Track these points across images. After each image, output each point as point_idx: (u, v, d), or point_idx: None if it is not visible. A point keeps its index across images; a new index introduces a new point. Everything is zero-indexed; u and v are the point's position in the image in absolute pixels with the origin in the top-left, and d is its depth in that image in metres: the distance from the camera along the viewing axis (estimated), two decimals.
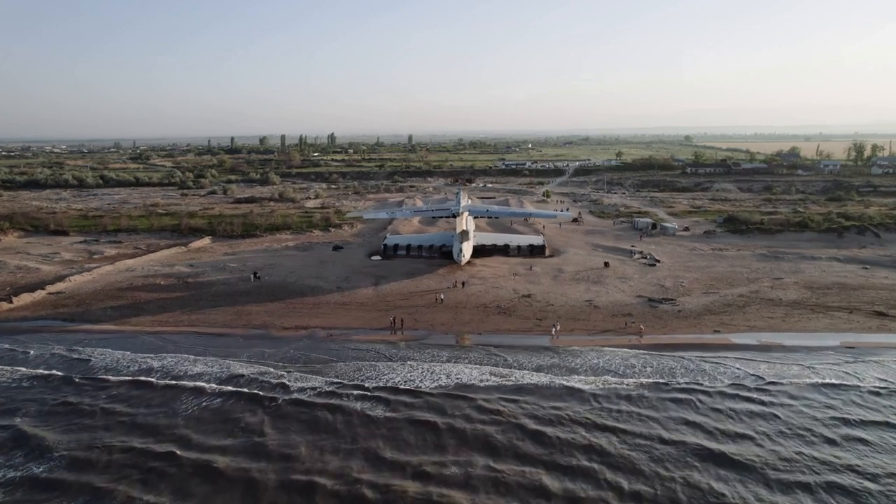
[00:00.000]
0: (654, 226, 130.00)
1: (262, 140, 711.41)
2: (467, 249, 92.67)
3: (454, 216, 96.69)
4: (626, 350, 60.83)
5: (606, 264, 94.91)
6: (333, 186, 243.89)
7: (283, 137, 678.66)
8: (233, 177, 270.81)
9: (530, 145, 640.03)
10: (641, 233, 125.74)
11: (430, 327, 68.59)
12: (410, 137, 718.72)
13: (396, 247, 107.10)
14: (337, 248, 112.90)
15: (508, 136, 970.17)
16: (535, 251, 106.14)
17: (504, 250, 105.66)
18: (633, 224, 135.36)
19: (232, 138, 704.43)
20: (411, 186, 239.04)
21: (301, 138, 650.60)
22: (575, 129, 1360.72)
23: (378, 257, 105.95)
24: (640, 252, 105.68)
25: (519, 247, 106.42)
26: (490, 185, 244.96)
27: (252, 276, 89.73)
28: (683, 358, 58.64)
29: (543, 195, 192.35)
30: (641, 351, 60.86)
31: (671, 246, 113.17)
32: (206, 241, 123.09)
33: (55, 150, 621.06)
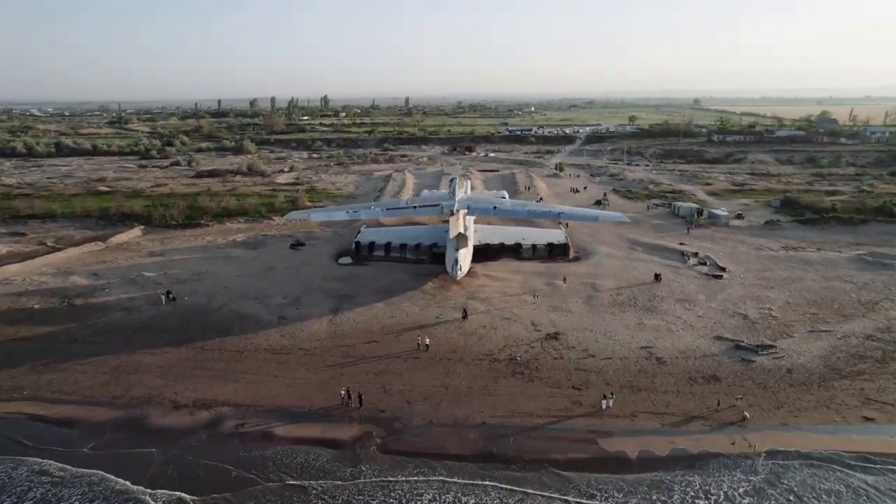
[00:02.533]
0: (699, 212, 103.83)
1: (252, 103, 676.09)
2: (465, 259, 66.40)
3: (448, 213, 69.09)
4: (742, 466, 35.74)
5: (658, 277, 69.14)
6: (315, 156, 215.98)
7: (272, 100, 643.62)
8: (205, 145, 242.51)
9: (533, 108, 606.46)
10: (687, 223, 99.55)
11: (406, 405, 43.26)
12: (407, 100, 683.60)
13: (373, 245, 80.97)
14: (296, 245, 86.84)
15: (509, 99, 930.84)
16: (555, 252, 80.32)
17: (515, 251, 79.73)
18: (672, 209, 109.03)
19: (219, 101, 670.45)
20: (403, 156, 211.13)
21: (291, 101, 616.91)
22: (576, 93, 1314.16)
23: (348, 259, 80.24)
24: (695, 254, 79.84)
25: (534, 246, 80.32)
26: (492, 155, 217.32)
27: (164, 296, 64.02)
28: (853, 489, 33.55)
29: (556, 168, 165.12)
30: (763, 463, 35.94)
31: (730, 243, 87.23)
32: (136, 232, 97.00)
33: (35, 114, 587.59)
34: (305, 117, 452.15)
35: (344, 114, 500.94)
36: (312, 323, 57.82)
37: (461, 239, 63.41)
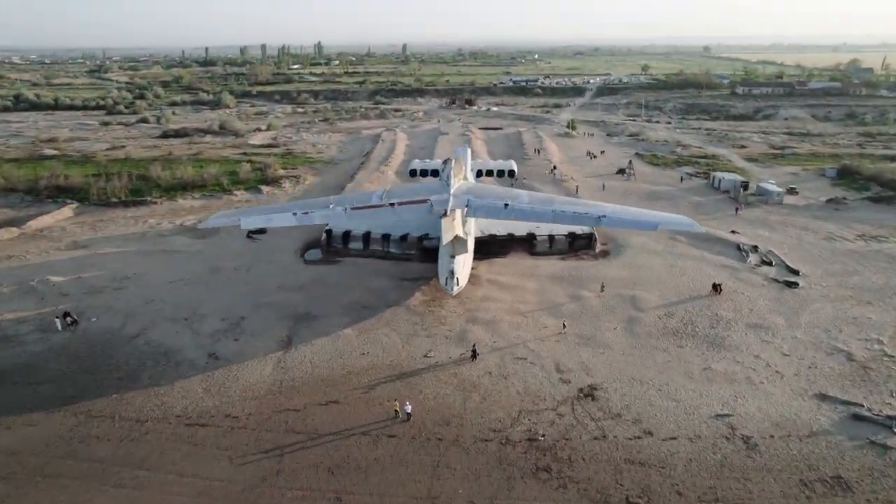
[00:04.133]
0: (745, 185, 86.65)
1: (243, 51, 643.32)
2: (463, 269, 49.46)
3: (440, 213, 48.90)
4: None
5: (717, 288, 52.69)
6: (300, 110, 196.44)
7: (263, 47, 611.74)
8: (181, 98, 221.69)
9: (536, 56, 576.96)
10: (732, 199, 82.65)
11: None
12: (404, 47, 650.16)
13: (348, 236, 64.31)
14: (255, 232, 70.07)
15: (511, 46, 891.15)
16: (577, 244, 63.83)
17: (527, 243, 63.18)
18: (711, 182, 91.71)
19: (206, 48, 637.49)
20: (396, 111, 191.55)
21: (282, 48, 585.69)
22: (579, 40, 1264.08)
23: (317, 254, 63.91)
24: (755, 248, 63.22)
25: (551, 237, 63.48)
26: (495, 109, 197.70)
27: (60, 319, 47.81)
28: None
29: (568, 127, 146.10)
30: None
31: (791, 229, 70.61)
32: (66, 212, 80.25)
33: (14, 62, 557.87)
34: (296, 66, 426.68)
35: (337, 62, 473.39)
36: (252, 366, 41.82)
37: (458, 244, 46.62)
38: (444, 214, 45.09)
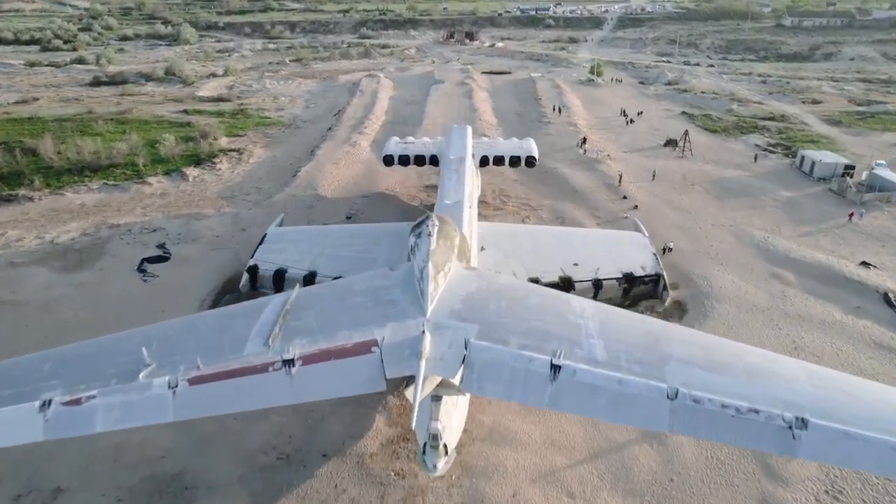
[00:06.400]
0: (848, 170, 62.85)
1: None
2: (453, 423, 24.78)
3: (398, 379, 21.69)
4: None
5: None
6: (272, 46, 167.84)
7: None
8: (134, 31, 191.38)
9: None
10: (841, 196, 59.14)
11: None
12: None
13: (282, 279, 41.14)
14: (152, 261, 47.08)
15: None
16: (636, 292, 41.20)
17: (562, 289, 40.05)
18: (798, 162, 67.32)
19: None
20: (383, 47, 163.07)
21: None
22: None
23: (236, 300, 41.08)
24: None
25: (597, 283, 40.33)
26: (500, 45, 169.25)
27: None
28: None
29: (592, 73, 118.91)
30: None
31: None
32: None
33: None
34: None
35: None
36: None
37: (446, 387, 23.20)
38: (407, 385, 21.46)
